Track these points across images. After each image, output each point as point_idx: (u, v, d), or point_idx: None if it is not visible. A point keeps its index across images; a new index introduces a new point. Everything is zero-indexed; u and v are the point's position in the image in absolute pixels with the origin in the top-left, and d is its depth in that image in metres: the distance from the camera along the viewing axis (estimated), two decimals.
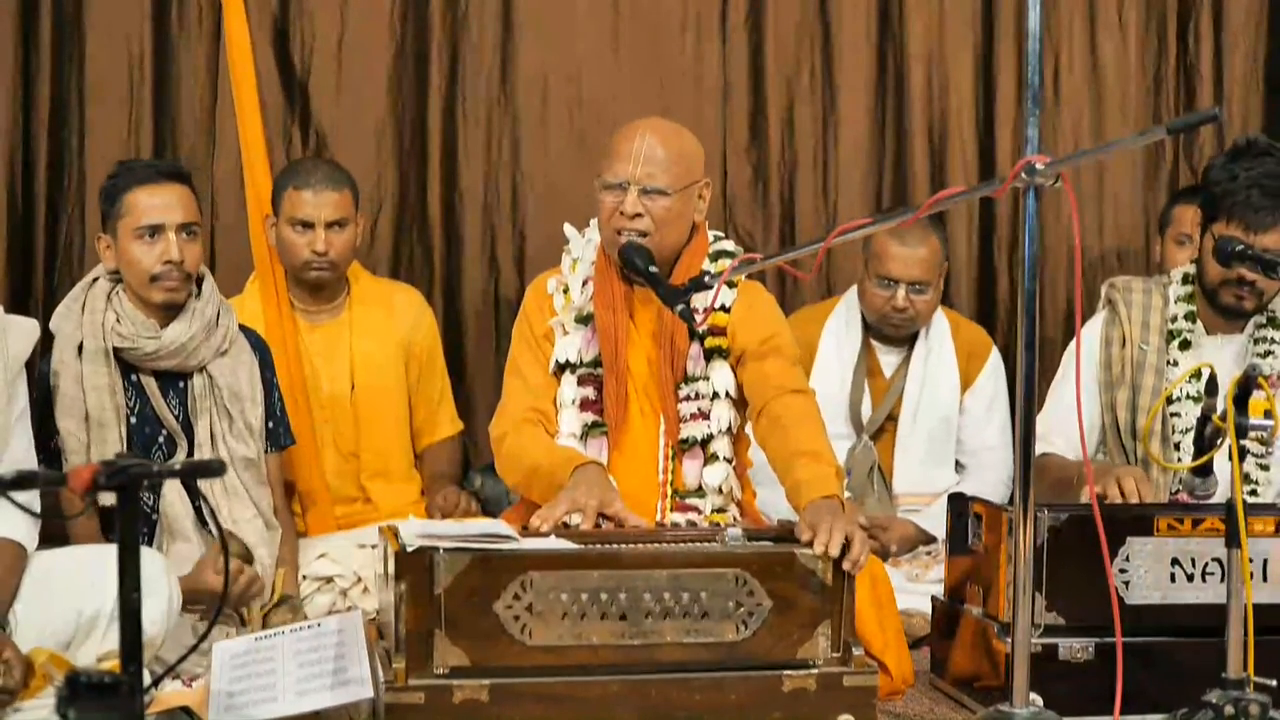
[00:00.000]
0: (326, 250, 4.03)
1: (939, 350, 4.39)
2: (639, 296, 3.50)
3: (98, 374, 3.45)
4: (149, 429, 3.51)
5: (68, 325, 3.50)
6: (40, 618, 3.06)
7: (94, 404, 3.45)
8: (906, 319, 4.30)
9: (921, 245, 4.25)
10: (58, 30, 4.55)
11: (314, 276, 4.07)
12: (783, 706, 2.92)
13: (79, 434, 3.44)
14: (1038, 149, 2.75)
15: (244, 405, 3.57)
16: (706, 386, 3.49)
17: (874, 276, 4.30)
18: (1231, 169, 3.71)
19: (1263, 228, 3.65)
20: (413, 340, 4.25)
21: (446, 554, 2.84)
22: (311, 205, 4.02)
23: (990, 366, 4.44)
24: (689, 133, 3.55)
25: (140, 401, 3.51)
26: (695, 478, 3.48)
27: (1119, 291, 3.93)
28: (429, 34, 4.73)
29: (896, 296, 4.26)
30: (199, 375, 3.54)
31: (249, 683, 2.93)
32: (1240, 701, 2.85)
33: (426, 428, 4.32)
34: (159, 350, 3.48)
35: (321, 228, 4.02)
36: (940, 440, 4.37)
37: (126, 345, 3.47)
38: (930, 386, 4.36)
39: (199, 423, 3.52)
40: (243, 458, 3.55)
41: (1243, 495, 2.87)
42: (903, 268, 4.25)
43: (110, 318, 3.48)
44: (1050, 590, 3.18)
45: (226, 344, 3.58)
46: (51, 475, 2.25)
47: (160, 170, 3.54)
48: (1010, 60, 4.94)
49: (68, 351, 3.47)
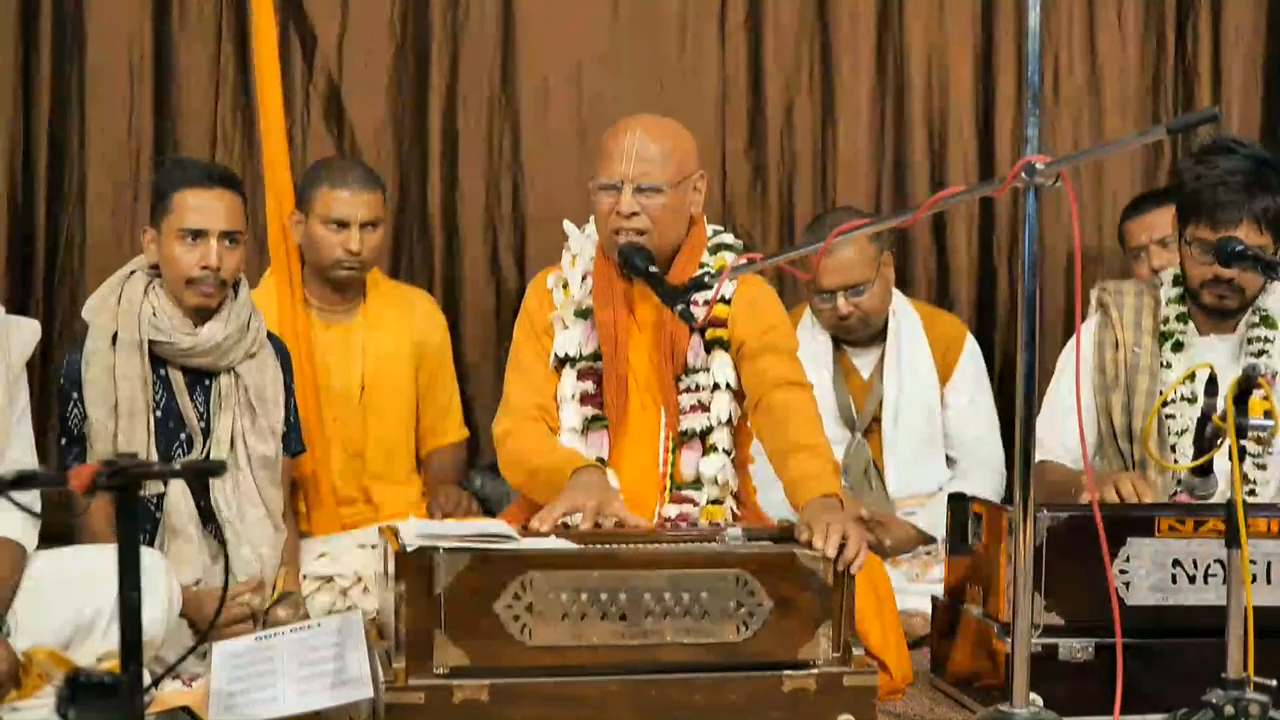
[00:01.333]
0: (360, 250, 4.05)
1: (911, 348, 4.35)
2: (638, 291, 3.50)
3: (130, 365, 3.47)
4: (172, 424, 3.53)
5: (103, 316, 3.51)
6: (40, 617, 3.07)
7: (125, 394, 3.46)
8: (857, 321, 4.26)
9: (845, 247, 4.14)
10: (58, 30, 4.55)
11: (344, 275, 4.09)
12: (783, 707, 2.92)
13: (108, 423, 3.45)
14: (1038, 149, 2.75)
15: (268, 406, 3.60)
16: (706, 378, 3.49)
17: (814, 292, 4.27)
18: (1197, 169, 3.73)
19: (1229, 224, 3.66)
20: (424, 344, 4.26)
21: (446, 554, 2.84)
22: (349, 205, 4.05)
23: (966, 356, 4.40)
24: (680, 126, 3.55)
25: (166, 396, 3.53)
26: (693, 469, 3.48)
27: (1110, 295, 3.93)
28: (429, 34, 4.73)
29: (838, 306, 4.22)
30: (225, 375, 3.56)
31: (249, 683, 2.93)
32: (1240, 702, 2.85)
33: (433, 433, 4.32)
34: (194, 347, 3.50)
35: (356, 227, 4.04)
36: (926, 436, 4.35)
37: (162, 339, 3.49)
38: (908, 385, 4.33)
39: (220, 420, 3.54)
40: (261, 456, 3.57)
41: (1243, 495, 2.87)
42: (833, 276, 4.19)
43: (147, 310, 3.50)
44: (1050, 590, 3.18)
45: (255, 347, 3.61)
46: (51, 475, 2.25)
47: (212, 174, 3.55)
48: (1010, 60, 4.93)
49: (102, 341, 3.49)
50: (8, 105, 4.52)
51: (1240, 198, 3.66)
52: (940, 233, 4.97)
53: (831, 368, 4.34)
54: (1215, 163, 3.71)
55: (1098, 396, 3.87)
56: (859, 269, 4.21)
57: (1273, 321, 3.81)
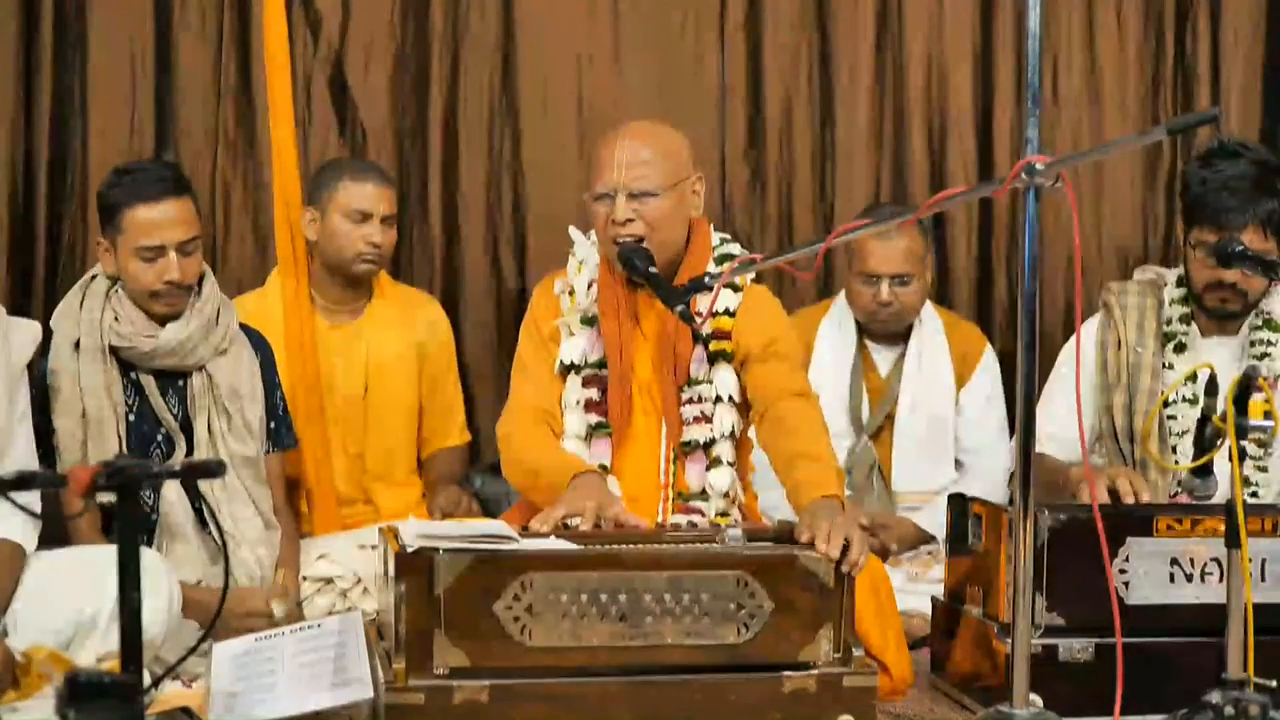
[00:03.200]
0: (380, 244, 4.07)
1: (932, 348, 4.38)
2: (643, 300, 3.51)
3: (95, 372, 3.45)
4: (147, 427, 3.51)
5: (65, 323, 3.49)
6: (40, 618, 3.07)
7: (91, 403, 3.45)
8: (893, 313, 4.29)
9: (900, 237, 4.23)
10: (59, 30, 4.55)
11: (363, 270, 4.09)
12: (783, 707, 2.92)
13: (76, 432, 3.44)
14: (1038, 149, 2.75)
15: (243, 403, 3.56)
16: (709, 390, 3.49)
17: (857, 274, 4.30)
18: (1202, 173, 3.74)
19: (1235, 228, 3.67)
20: (428, 347, 4.26)
21: (446, 554, 2.84)
22: (373, 198, 4.07)
23: (985, 364, 4.43)
24: (672, 130, 3.55)
25: (139, 400, 3.51)
26: (699, 481, 3.48)
27: (1114, 295, 3.94)
28: (430, 34, 4.73)
29: (880, 291, 4.25)
30: (198, 374, 3.54)
31: (249, 683, 2.93)
32: (1240, 701, 2.85)
33: (435, 435, 4.32)
34: (156, 350, 3.48)
35: (378, 220, 4.07)
36: (936, 437, 4.36)
37: (124, 345, 3.47)
38: (925, 385, 4.35)
39: (197, 421, 3.52)
40: (241, 456, 3.55)
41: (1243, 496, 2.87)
42: (882, 262, 4.24)
43: (109, 316, 3.48)
44: (1050, 590, 3.18)
45: (226, 343, 3.57)
46: (51, 475, 2.25)
47: (159, 185, 3.48)
48: (1010, 60, 4.93)
49: (65, 349, 3.47)
50: (9, 106, 4.52)
51: (1245, 202, 3.67)
52: (940, 233, 4.97)
53: (852, 359, 4.35)
54: (1220, 166, 3.71)
55: (1099, 396, 3.87)
56: (909, 261, 4.25)
57: (1275, 324, 3.81)
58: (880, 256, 4.23)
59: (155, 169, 3.57)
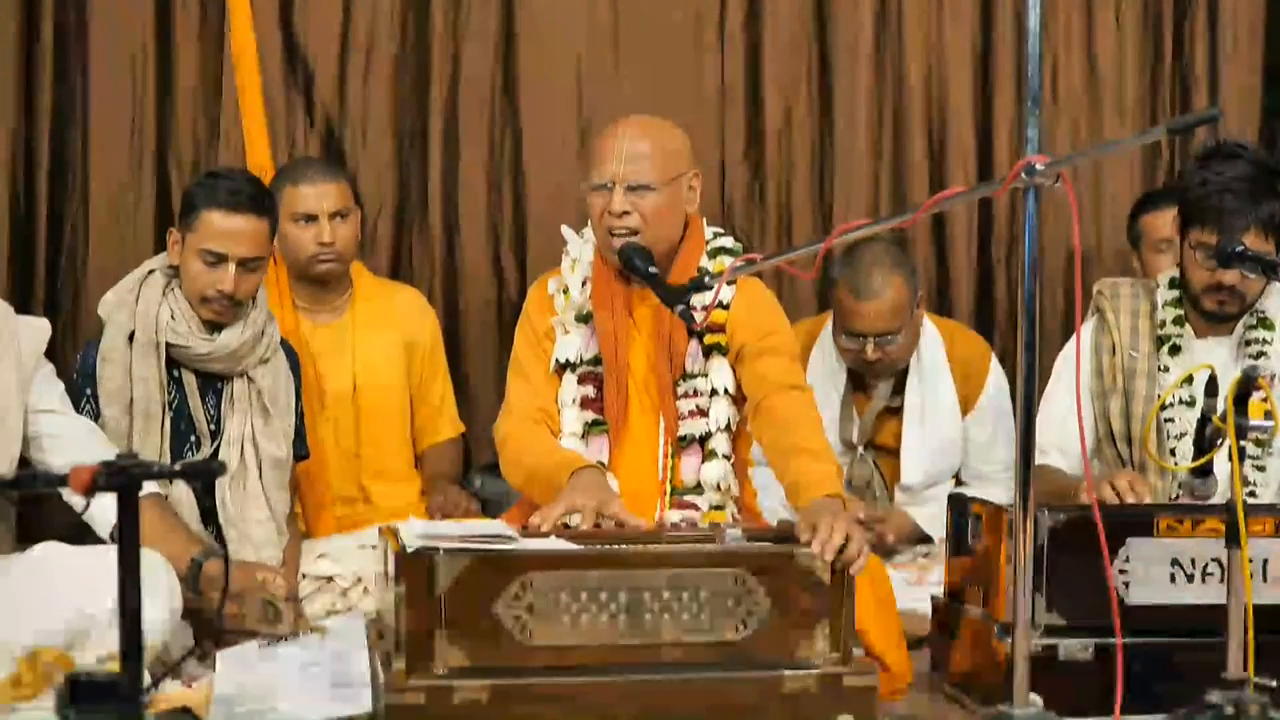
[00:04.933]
0: (333, 241, 4.06)
1: (933, 371, 4.28)
2: (637, 295, 3.51)
3: (147, 366, 3.49)
4: (184, 426, 3.55)
5: (120, 314, 3.53)
6: (40, 618, 3.07)
7: (140, 394, 3.49)
8: (883, 367, 4.20)
9: (885, 291, 4.08)
10: (60, 31, 4.55)
11: (322, 270, 4.09)
12: (782, 707, 2.91)
13: (122, 420, 3.48)
14: (1038, 149, 2.75)
15: (280, 410, 3.62)
16: (705, 384, 3.50)
17: (840, 332, 4.19)
18: (1202, 174, 3.72)
19: (1236, 230, 3.65)
20: (416, 341, 4.27)
21: (446, 555, 2.84)
22: (313, 198, 4.06)
23: (991, 384, 4.35)
24: (672, 126, 3.55)
25: (180, 398, 3.55)
26: (694, 475, 3.48)
27: (1107, 298, 3.91)
28: (430, 35, 4.73)
29: (866, 350, 4.14)
30: (239, 379, 3.58)
31: (251, 689, 2.93)
32: (1240, 701, 2.85)
33: (428, 429, 4.33)
34: (211, 353, 3.53)
35: (325, 219, 4.06)
36: (943, 456, 4.31)
37: (179, 343, 3.51)
38: (930, 412, 4.27)
39: (232, 420, 3.56)
40: (272, 457, 3.59)
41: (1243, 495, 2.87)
42: (866, 322, 4.12)
43: (165, 314, 3.51)
44: (1050, 590, 3.18)
45: (269, 353, 3.63)
46: (51, 475, 2.25)
47: (240, 197, 3.49)
48: (1009, 61, 4.93)
49: (119, 339, 3.51)
50: (9, 106, 4.53)
51: (1246, 204, 3.65)
52: (940, 233, 4.97)
53: (842, 392, 4.28)
54: (1220, 168, 3.70)
55: (1095, 401, 3.86)
56: (895, 317, 4.12)
57: (1271, 323, 3.80)
58: (863, 318, 4.11)
59: (242, 181, 3.57)
